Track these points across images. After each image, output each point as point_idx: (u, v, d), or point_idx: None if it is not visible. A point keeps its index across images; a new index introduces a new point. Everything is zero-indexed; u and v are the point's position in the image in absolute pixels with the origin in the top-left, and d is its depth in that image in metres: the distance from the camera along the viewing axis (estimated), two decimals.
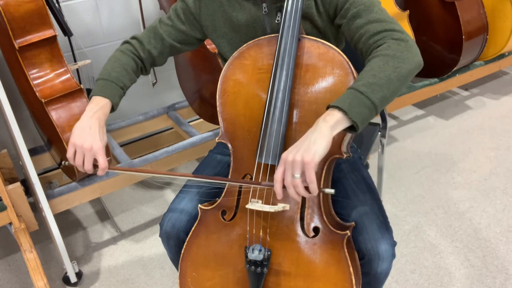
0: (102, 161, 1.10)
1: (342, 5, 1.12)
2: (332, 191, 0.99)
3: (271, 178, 1.09)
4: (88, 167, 1.11)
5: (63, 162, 1.15)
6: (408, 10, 2.15)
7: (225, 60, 1.28)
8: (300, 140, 0.96)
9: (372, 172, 1.54)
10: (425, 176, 2.30)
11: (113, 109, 1.20)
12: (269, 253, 1.09)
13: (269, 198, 1.10)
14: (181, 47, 1.31)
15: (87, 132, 1.11)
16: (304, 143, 0.95)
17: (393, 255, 1.15)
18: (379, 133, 1.71)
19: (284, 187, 0.97)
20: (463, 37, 2.32)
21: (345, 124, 0.96)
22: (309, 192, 0.95)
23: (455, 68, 2.43)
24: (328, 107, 0.98)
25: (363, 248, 1.14)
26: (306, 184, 0.95)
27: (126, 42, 1.31)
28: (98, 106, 1.16)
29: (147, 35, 1.29)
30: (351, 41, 1.12)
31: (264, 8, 1.18)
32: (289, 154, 0.95)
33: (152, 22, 1.32)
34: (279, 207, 1.08)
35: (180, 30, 1.28)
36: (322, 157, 0.93)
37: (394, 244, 1.16)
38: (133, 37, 1.30)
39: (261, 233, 1.11)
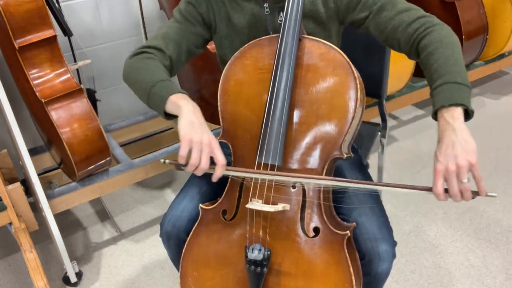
0: (222, 158, 1.04)
1: None
2: (495, 194, 0.97)
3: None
4: (207, 165, 1.03)
5: (163, 161, 1.07)
6: None
7: (223, 62, 1.27)
8: (447, 147, 0.95)
9: (372, 172, 1.54)
10: (425, 176, 2.30)
11: None
12: (268, 253, 1.09)
13: (269, 198, 1.10)
14: (196, 50, 1.27)
15: (199, 127, 1.04)
16: (456, 148, 0.94)
17: (394, 255, 1.15)
18: (379, 133, 1.71)
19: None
20: (463, 37, 2.32)
21: (463, 114, 0.98)
22: (478, 194, 0.96)
23: None
24: (438, 108, 0.98)
25: (363, 248, 1.14)
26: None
27: (141, 52, 1.20)
28: (190, 100, 1.09)
29: (162, 42, 1.21)
30: (380, 33, 1.14)
31: (266, 8, 1.18)
32: (449, 163, 0.94)
33: (159, 30, 1.24)
34: (279, 207, 1.08)
35: (193, 32, 1.24)
36: None
37: (394, 244, 1.16)
38: (148, 46, 1.20)
39: (260, 233, 1.11)
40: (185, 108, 1.06)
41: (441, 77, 1.00)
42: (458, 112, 0.97)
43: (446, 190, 0.96)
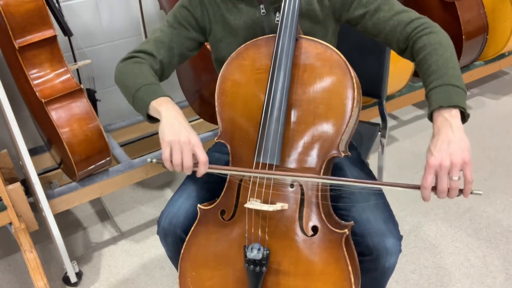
0: (203, 156, 1.03)
1: None
2: (480, 192, 0.99)
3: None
4: (189, 163, 1.03)
5: (149, 160, 1.10)
6: None
7: (220, 63, 1.26)
8: (443, 142, 0.95)
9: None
10: None
11: None
12: (267, 252, 1.09)
13: (268, 197, 1.10)
14: (189, 53, 1.27)
15: (178, 126, 1.05)
16: (452, 144, 0.95)
17: (400, 249, 1.15)
18: (379, 133, 1.71)
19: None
20: (463, 37, 2.32)
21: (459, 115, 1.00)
22: (462, 193, 0.97)
23: None
24: (436, 107, 0.99)
25: (370, 244, 1.13)
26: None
27: (131, 57, 1.21)
28: (172, 103, 1.11)
29: (154, 46, 1.22)
30: (378, 33, 1.16)
31: (262, 9, 1.18)
32: (443, 159, 0.95)
33: (152, 33, 1.25)
34: (278, 206, 1.08)
35: (186, 36, 1.24)
36: None
37: (400, 238, 1.16)
38: (138, 51, 1.22)
39: (259, 233, 1.11)
40: (164, 113, 1.08)
41: (439, 78, 1.02)
42: (457, 112, 0.99)
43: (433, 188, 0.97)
